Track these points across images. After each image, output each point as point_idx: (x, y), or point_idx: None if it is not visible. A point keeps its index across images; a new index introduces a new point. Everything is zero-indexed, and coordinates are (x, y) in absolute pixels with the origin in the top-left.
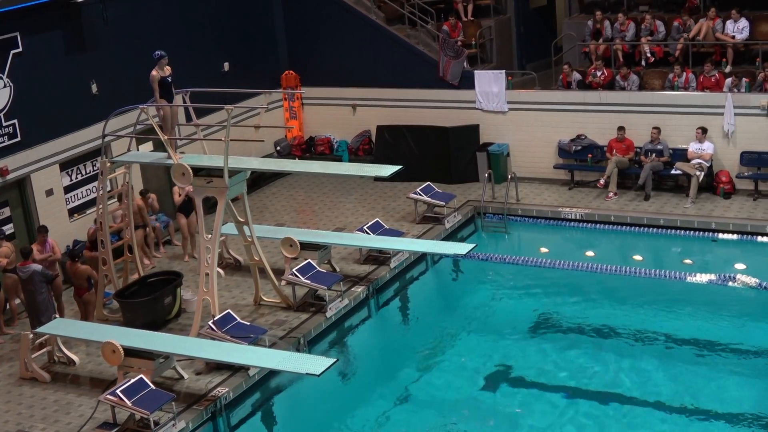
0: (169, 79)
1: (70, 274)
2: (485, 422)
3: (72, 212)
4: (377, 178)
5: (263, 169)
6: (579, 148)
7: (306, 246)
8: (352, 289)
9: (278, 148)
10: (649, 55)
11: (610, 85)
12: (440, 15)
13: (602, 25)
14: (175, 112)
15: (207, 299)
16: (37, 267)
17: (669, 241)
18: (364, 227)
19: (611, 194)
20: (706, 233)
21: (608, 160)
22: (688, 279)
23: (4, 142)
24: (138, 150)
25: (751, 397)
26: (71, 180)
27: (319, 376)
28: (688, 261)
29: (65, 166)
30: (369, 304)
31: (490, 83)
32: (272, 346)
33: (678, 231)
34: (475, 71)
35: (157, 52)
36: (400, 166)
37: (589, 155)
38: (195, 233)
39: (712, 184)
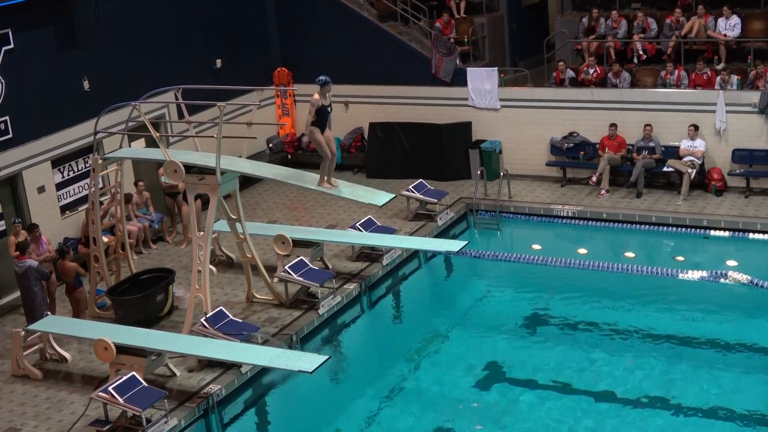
0: (329, 109)
1: (59, 271)
2: (477, 419)
3: (64, 209)
4: (370, 175)
5: (253, 174)
6: (571, 145)
7: (298, 243)
8: (345, 286)
9: (270, 145)
10: (641, 52)
11: (602, 83)
12: (433, 12)
13: (597, 23)
14: (330, 136)
15: (199, 296)
16: (33, 263)
17: (661, 238)
18: (357, 224)
19: (603, 191)
20: (698, 230)
21: (600, 157)
22: (680, 276)
23: None
24: (130, 147)
25: (743, 392)
26: (63, 177)
27: (311, 373)
28: (680, 258)
29: (57, 163)
30: (361, 301)
31: (482, 80)
32: (264, 343)
33: (670, 228)
34: (468, 68)
35: (321, 78)
36: (394, 195)
37: (581, 152)
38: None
39: (703, 181)
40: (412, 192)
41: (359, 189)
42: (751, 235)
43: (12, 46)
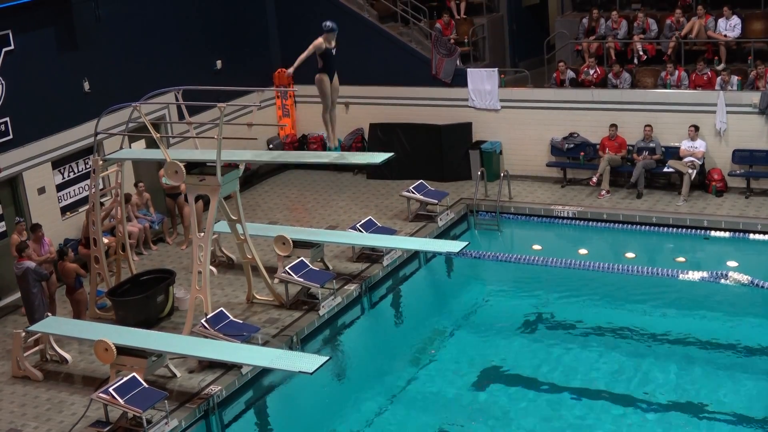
0: (334, 51)
1: (60, 272)
2: (477, 420)
3: (64, 210)
4: (370, 176)
5: (256, 160)
6: (571, 146)
7: (299, 244)
8: (345, 287)
9: (271, 146)
10: (641, 53)
11: (602, 83)
12: (433, 13)
13: (597, 23)
14: (336, 86)
15: (200, 297)
16: (31, 264)
17: (661, 238)
18: (357, 225)
19: (604, 192)
20: (699, 231)
21: (601, 157)
22: (681, 276)
23: None
24: (130, 148)
25: (743, 394)
26: (63, 178)
27: (311, 374)
28: (680, 258)
29: (57, 164)
30: (362, 302)
31: (482, 81)
32: (265, 344)
33: (670, 229)
34: (468, 69)
35: (328, 23)
36: (392, 153)
37: (582, 153)
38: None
39: (704, 182)
40: (413, 193)
41: (358, 154)
42: (751, 236)
43: (12, 47)
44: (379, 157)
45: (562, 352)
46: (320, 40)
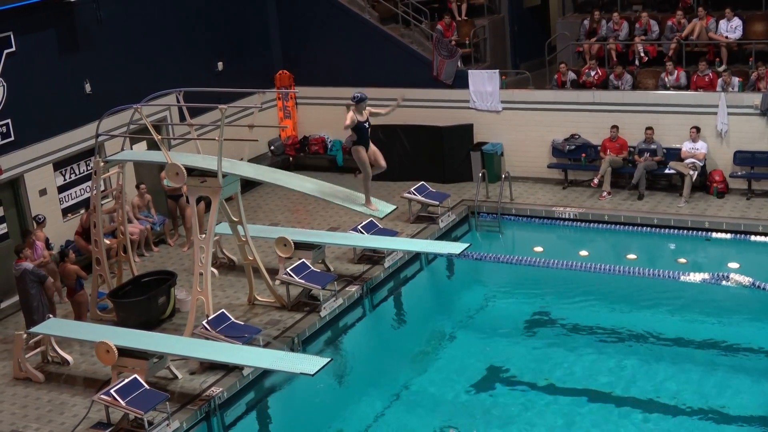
0: (367, 124)
1: (61, 274)
2: (479, 421)
3: (66, 212)
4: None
5: (255, 178)
6: (573, 147)
7: (300, 245)
8: (346, 289)
9: (272, 147)
10: (642, 54)
11: (603, 85)
12: (434, 14)
13: (599, 25)
14: (373, 151)
15: (201, 299)
16: (29, 265)
17: (663, 240)
18: (358, 227)
19: (605, 193)
20: (700, 232)
21: (602, 159)
22: (682, 278)
23: None
24: (132, 150)
25: (745, 395)
26: (65, 180)
27: (313, 375)
28: (681, 260)
29: (59, 165)
30: (363, 304)
31: (483, 83)
32: (266, 345)
33: (672, 230)
34: (469, 71)
35: (356, 95)
36: (395, 207)
37: (583, 154)
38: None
39: (705, 183)
40: (414, 194)
41: (360, 195)
42: (752, 238)
43: (14, 49)
44: (385, 208)
45: (563, 354)
46: (351, 114)
